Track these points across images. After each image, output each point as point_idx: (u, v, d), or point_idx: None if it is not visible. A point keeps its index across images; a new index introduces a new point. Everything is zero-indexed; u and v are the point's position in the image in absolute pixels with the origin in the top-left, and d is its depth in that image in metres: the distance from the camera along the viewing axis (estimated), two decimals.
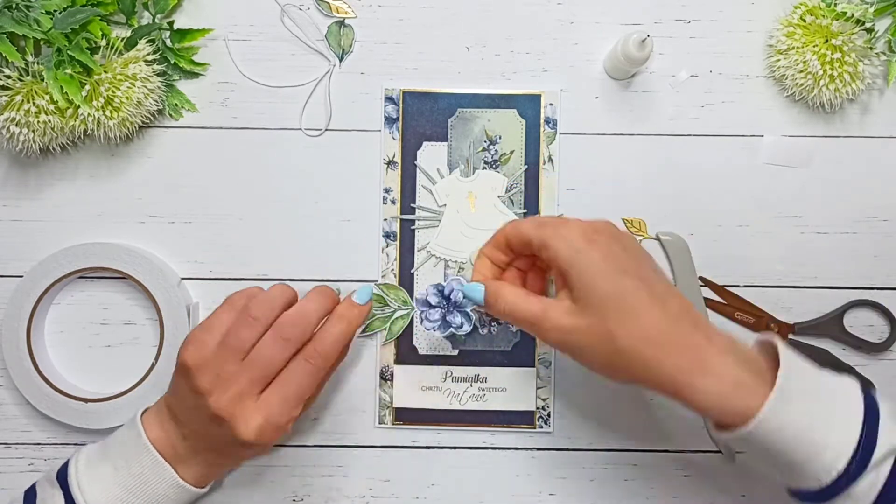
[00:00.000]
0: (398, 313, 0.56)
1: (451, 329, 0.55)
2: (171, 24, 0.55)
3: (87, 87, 0.51)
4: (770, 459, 0.42)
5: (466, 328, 0.55)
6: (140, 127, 0.55)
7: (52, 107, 0.50)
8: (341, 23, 0.57)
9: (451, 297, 0.55)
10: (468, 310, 0.55)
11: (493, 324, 0.56)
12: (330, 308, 0.48)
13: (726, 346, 0.42)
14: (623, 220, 0.57)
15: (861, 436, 0.40)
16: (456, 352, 0.56)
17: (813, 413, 0.40)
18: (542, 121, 0.56)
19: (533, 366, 0.56)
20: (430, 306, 0.55)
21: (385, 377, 0.56)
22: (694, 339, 0.41)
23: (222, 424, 0.45)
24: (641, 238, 0.57)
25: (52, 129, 0.51)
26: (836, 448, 0.40)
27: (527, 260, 0.49)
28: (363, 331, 0.56)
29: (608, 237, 0.44)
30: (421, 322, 0.56)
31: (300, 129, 0.57)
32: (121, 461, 0.48)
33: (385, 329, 0.56)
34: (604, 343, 0.42)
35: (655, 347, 0.41)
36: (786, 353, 0.42)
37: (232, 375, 0.45)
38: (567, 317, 0.43)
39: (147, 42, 0.53)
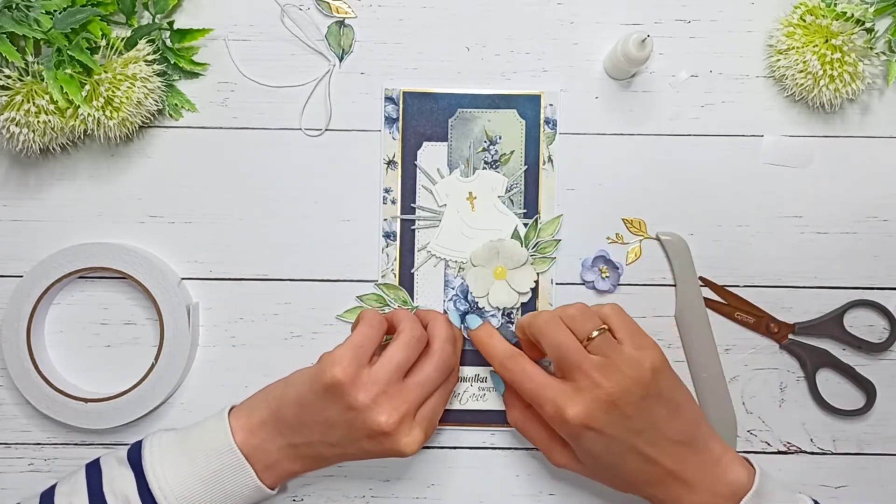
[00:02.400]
0: None
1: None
2: (171, 24, 0.55)
3: (87, 87, 0.51)
4: None
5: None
6: (140, 127, 0.55)
7: (52, 107, 0.50)
8: (341, 23, 0.57)
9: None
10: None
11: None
12: (457, 338, 0.54)
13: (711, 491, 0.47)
14: (623, 220, 0.57)
15: None
16: None
17: None
18: (541, 121, 0.56)
19: None
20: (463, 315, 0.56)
21: None
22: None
23: (381, 440, 0.48)
24: (641, 238, 0.57)
25: (52, 129, 0.51)
26: None
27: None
28: None
29: (616, 403, 0.46)
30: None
31: (300, 129, 0.57)
32: (201, 455, 0.48)
33: None
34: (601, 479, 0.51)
35: (667, 483, 0.48)
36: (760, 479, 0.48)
37: (398, 393, 0.48)
38: (571, 461, 0.51)
39: (147, 42, 0.53)
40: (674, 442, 0.47)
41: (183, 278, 0.56)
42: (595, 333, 0.48)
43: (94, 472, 0.49)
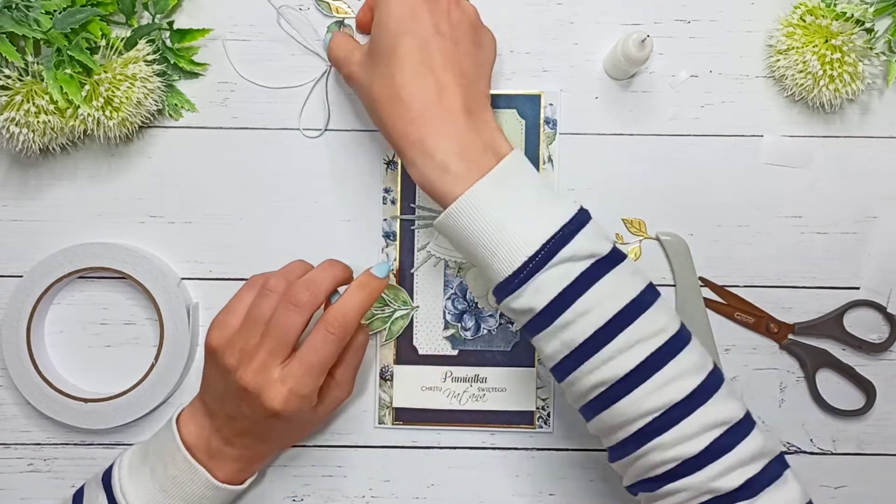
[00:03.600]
0: (398, 313, 0.56)
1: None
2: (171, 24, 0.55)
3: (87, 87, 0.51)
4: (470, 250, 0.43)
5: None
6: (140, 127, 0.55)
7: (51, 107, 0.50)
8: (340, 23, 0.57)
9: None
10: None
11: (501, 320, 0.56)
12: (341, 278, 0.49)
13: (467, 138, 0.44)
14: (623, 220, 0.57)
15: (556, 234, 0.41)
16: (456, 352, 0.56)
17: (515, 208, 0.42)
18: (541, 121, 0.56)
19: (533, 366, 0.56)
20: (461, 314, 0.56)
21: (385, 377, 0.56)
22: (438, 111, 0.44)
23: (251, 399, 0.46)
24: (641, 238, 0.57)
25: (52, 129, 0.51)
26: (529, 239, 0.42)
27: None
28: None
29: (440, 16, 0.46)
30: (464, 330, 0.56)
31: (299, 129, 0.57)
32: (158, 463, 0.49)
33: (385, 329, 0.56)
34: (367, 92, 0.47)
35: (393, 106, 0.44)
36: (514, 155, 0.44)
37: (254, 348, 0.46)
38: (360, 62, 0.48)
39: (147, 42, 0.53)
40: (462, 88, 0.45)
41: (183, 278, 0.56)
42: None
43: (78, 498, 0.50)
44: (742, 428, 0.42)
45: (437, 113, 0.44)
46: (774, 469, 0.42)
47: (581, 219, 0.43)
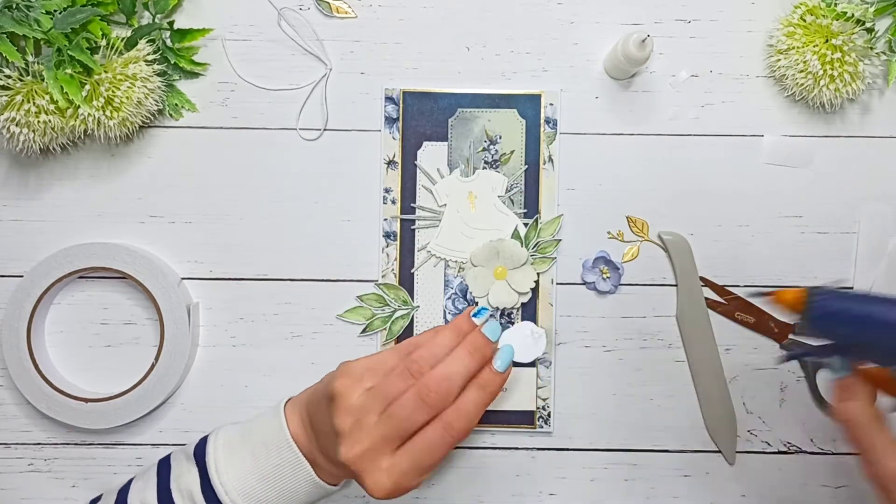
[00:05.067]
0: (398, 313, 0.56)
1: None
2: (171, 24, 0.55)
3: (88, 87, 0.51)
4: None
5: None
6: (140, 127, 0.55)
7: (52, 107, 0.50)
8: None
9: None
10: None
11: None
12: (475, 369, 0.46)
13: None
14: (627, 217, 0.56)
15: None
16: None
17: None
18: (542, 121, 0.56)
19: (533, 366, 0.56)
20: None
21: None
22: None
23: (349, 472, 0.44)
24: (641, 240, 0.57)
25: (53, 129, 0.51)
26: None
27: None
28: (363, 331, 0.56)
29: None
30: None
31: (297, 130, 0.57)
32: (261, 449, 0.48)
33: (385, 329, 0.56)
34: None
35: None
36: None
37: (368, 427, 0.44)
38: None
39: (147, 42, 0.53)
40: None
41: (183, 278, 0.56)
42: None
43: (164, 467, 0.49)
44: None
45: None
46: None
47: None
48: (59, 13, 0.50)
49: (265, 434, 0.48)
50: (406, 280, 0.56)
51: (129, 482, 0.50)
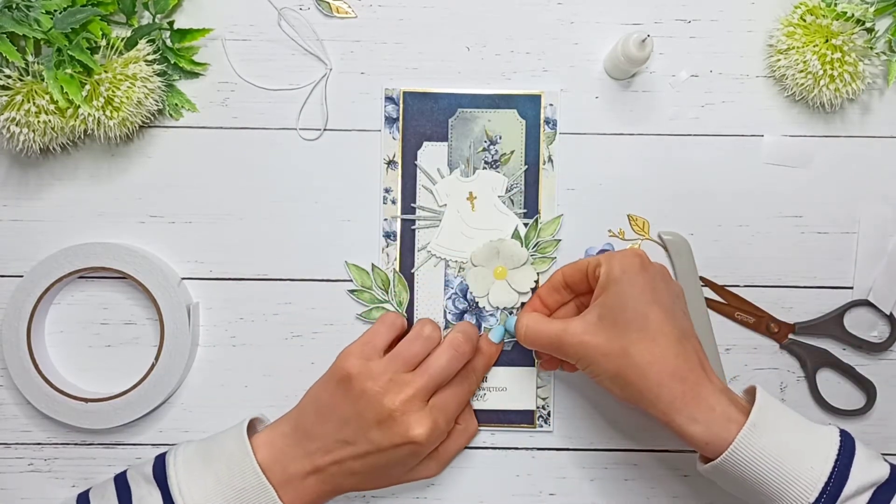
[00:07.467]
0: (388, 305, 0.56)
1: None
2: (171, 24, 0.55)
3: (88, 86, 0.51)
4: (747, 491, 0.45)
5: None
6: (140, 127, 0.55)
7: (52, 107, 0.50)
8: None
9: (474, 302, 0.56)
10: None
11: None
12: (476, 339, 0.53)
13: (722, 386, 0.46)
14: (629, 216, 0.56)
15: (833, 469, 0.43)
16: None
17: (786, 446, 0.44)
18: (542, 121, 0.56)
19: (533, 366, 0.56)
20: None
21: None
22: (696, 374, 0.46)
23: (391, 423, 0.48)
24: (642, 239, 0.57)
25: (53, 129, 0.51)
26: (808, 481, 0.43)
27: (580, 300, 0.53)
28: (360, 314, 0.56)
29: (658, 273, 0.48)
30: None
31: (297, 130, 0.57)
32: (224, 472, 0.48)
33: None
34: (616, 358, 0.46)
35: (661, 371, 0.45)
36: (763, 393, 0.46)
37: (406, 380, 0.49)
38: (587, 330, 0.47)
39: (147, 42, 0.53)
40: (692, 335, 0.47)
41: (183, 278, 0.56)
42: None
43: (123, 489, 0.49)
44: None
45: (703, 372, 0.46)
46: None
47: (848, 446, 0.44)
48: (59, 13, 0.50)
49: (228, 457, 0.48)
50: (406, 280, 0.56)
51: (87, 493, 0.49)
